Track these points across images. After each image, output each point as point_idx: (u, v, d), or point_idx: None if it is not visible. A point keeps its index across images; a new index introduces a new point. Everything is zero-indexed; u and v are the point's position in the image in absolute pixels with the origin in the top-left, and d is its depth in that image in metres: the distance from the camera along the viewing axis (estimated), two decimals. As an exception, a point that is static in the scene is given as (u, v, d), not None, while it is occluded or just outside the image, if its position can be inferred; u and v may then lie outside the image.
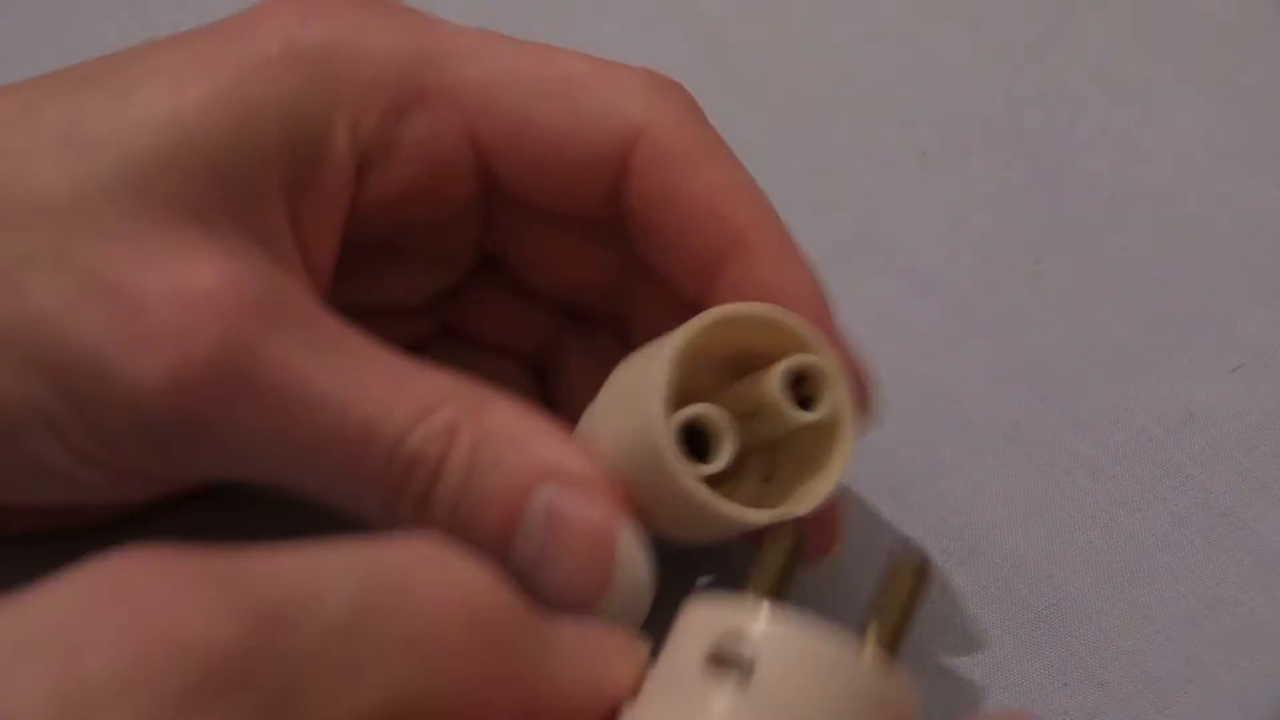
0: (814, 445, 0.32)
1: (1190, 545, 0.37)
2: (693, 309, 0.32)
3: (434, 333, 0.38)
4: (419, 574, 0.24)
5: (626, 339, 0.36)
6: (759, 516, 0.31)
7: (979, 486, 0.38)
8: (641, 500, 0.31)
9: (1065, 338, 0.42)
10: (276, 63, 0.32)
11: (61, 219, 0.30)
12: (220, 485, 0.38)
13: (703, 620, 0.27)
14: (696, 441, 0.31)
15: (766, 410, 0.31)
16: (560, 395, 0.38)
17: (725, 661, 0.26)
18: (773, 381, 0.31)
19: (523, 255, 0.36)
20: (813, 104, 0.48)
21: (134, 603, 0.22)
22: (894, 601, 0.27)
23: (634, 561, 0.31)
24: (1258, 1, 0.50)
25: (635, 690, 0.27)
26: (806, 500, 0.31)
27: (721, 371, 0.32)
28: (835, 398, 0.31)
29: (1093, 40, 0.50)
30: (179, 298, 0.30)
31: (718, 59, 0.36)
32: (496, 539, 0.31)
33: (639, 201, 0.34)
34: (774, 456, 0.33)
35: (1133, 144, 0.46)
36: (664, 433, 0.30)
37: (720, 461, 0.31)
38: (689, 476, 0.30)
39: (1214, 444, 0.39)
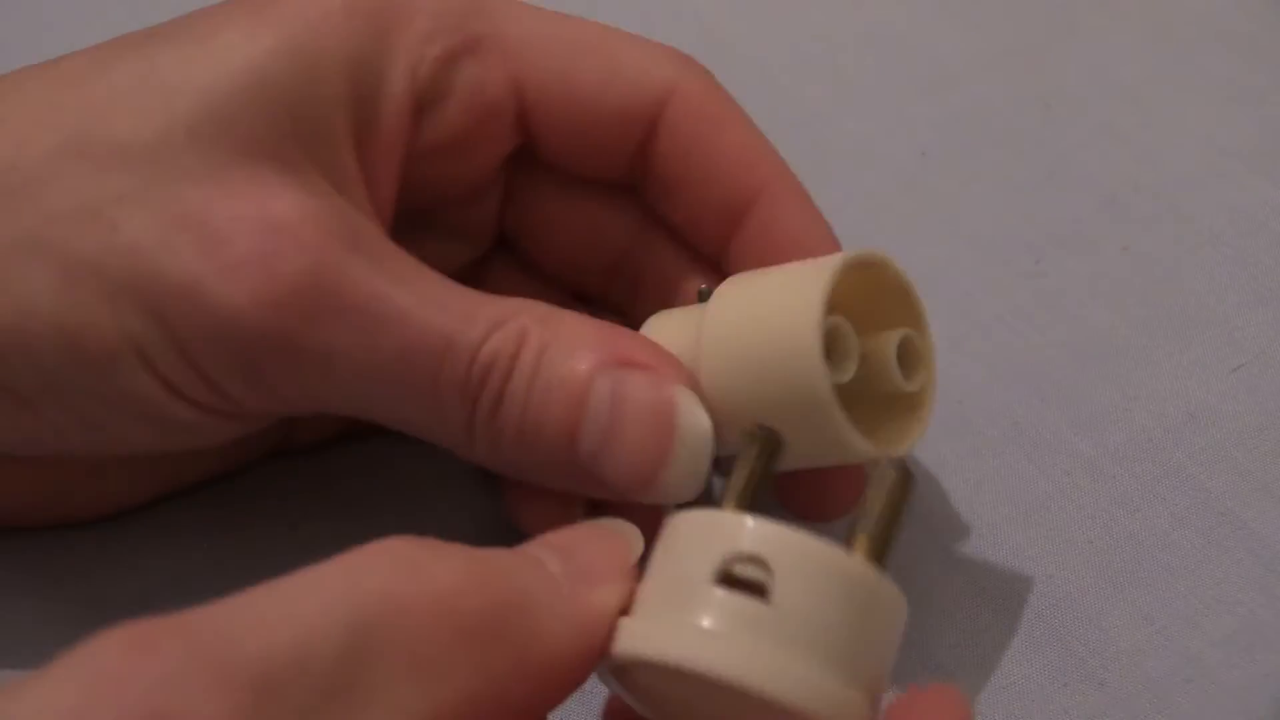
0: (888, 401, 0.33)
1: (1190, 545, 0.37)
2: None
3: None
4: (399, 591, 0.24)
5: (628, 317, 0.38)
6: (868, 447, 0.32)
7: (979, 486, 0.38)
8: (750, 403, 0.32)
9: (1065, 338, 0.42)
10: (338, 14, 0.33)
11: (146, 159, 0.31)
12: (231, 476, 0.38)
13: (703, 535, 0.27)
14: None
15: (870, 365, 0.33)
16: None
17: (739, 578, 0.26)
18: (889, 345, 0.33)
19: (536, 235, 0.38)
20: (813, 104, 0.48)
21: (129, 687, 0.22)
22: (878, 511, 0.28)
23: (691, 416, 0.32)
24: (1258, 2, 0.50)
25: (629, 605, 0.27)
26: (895, 448, 0.33)
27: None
28: (927, 375, 0.33)
29: (1093, 40, 0.50)
30: (264, 226, 0.31)
31: (718, 59, 0.36)
32: (565, 431, 0.32)
33: (669, 153, 0.36)
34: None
35: (1133, 144, 0.46)
36: (816, 337, 0.31)
37: (847, 373, 0.32)
38: (827, 383, 0.31)
39: (1214, 444, 0.39)
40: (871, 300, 0.33)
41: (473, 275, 0.39)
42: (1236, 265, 0.43)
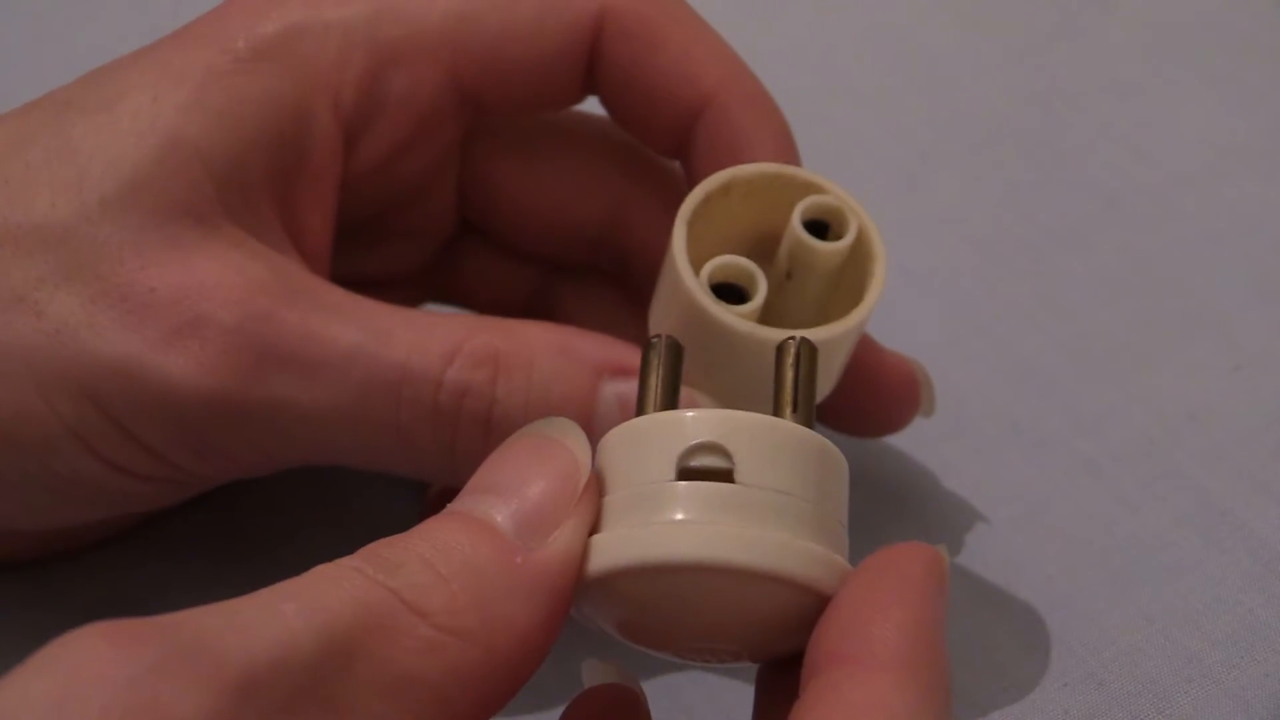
0: (857, 270, 0.32)
1: (1190, 545, 0.37)
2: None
3: (425, 298, 0.39)
4: (370, 601, 0.24)
5: (619, 282, 0.37)
6: (816, 333, 0.30)
7: (979, 486, 0.38)
8: (708, 378, 0.31)
9: (1065, 338, 0.42)
10: (244, 58, 0.32)
11: (63, 238, 0.30)
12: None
13: (652, 438, 0.26)
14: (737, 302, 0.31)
15: (797, 257, 0.31)
16: None
17: (700, 469, 0.26)
18: (793, 223, 0.31)
19: (505, 214, 0.37)
20: (813, 104, 0.48)
21: (109, 681, 0.22)
22: (789, 380, 0.28)
23: None
24: (1258, 2, 0.50)
25: (594, 525, 0.27)
26: (853, 315, 0.31)
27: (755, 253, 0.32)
28: (858, 223, 0.31)
29: (1093, 40, 0.50)
30: (187, 292, 0.30)
31: (717, 59, 0.36)
32: None
33: (610, 77, 0.34)
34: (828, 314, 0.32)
35: (1133, 144, 0.46)
36: (692, 282, 0.30)
37: (755, 300, 0.31)
38: (726, 313, 0.30)
39: (1214, 444, 0.39)
40: (772, 202, 0.32)
41: (444, 265, 0.38)
42: (1236, 265, 0.43)
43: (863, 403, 0.35)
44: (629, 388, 0.31)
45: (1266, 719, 0.34)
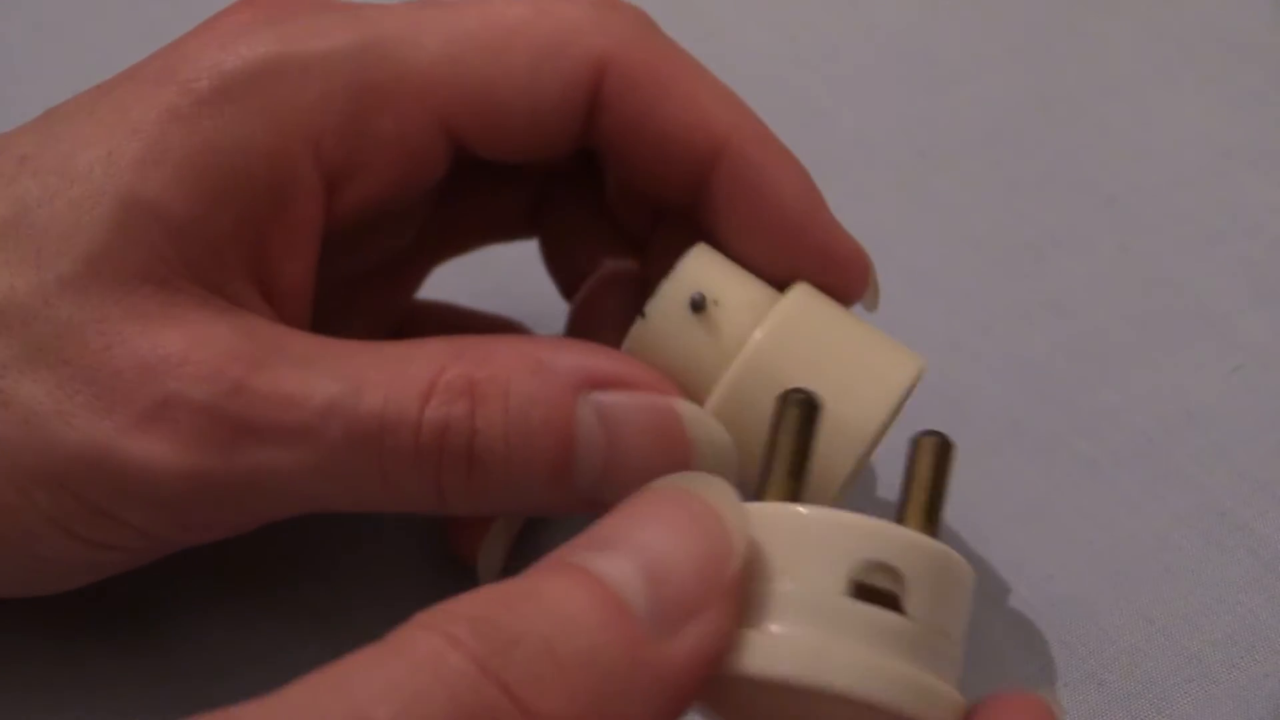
0: None
1: (1190, 545, 0.37)
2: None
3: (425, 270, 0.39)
4: (478, 715, 0.22)
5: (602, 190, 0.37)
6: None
7: (979, 486, 0.38)
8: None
9: (1065, 338, 0.42)
10: (208, 99, 0.30)
11: (26, 320, 0.29)
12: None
13: (828, 539, 0.25)
14: None
15: None
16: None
17: (868, 586, 0.25)
18: None
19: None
20: (813, 104, 0.48)
21: None
22: (923, 484, 0.27)
23: (704, 425, 0.30)
24: (1258, 2, 0.50)
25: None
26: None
27: None
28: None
29: (1093, 40, 0.50)
30: (155, 370, 0.29)
31: (718, 59, 0.36)
32: (555, 472, 0.30)
33: (614, 131, 0.33)
34: None
35: (1133, 144, 0.46)
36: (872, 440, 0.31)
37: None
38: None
39: (1214, 444, 0.39)
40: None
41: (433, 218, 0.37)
42: (1236, 265, 0.43)
43: (815, 273, 0.34)
44: (609, 399, 0.30)
45: (1266, 719, 0.34)
